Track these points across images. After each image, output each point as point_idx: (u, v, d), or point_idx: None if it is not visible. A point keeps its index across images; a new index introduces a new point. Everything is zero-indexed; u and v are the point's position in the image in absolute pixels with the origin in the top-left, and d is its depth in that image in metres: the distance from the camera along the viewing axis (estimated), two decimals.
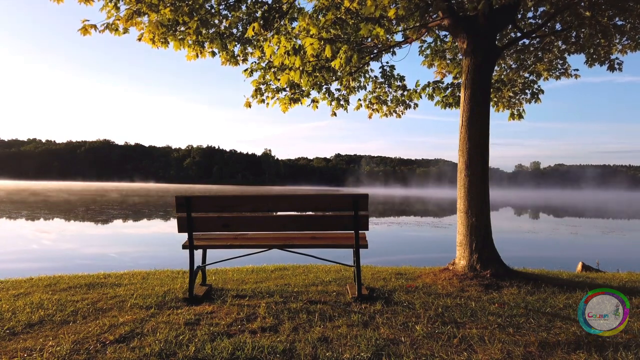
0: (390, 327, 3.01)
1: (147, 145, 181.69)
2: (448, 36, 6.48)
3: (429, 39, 6.65)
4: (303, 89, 6.18)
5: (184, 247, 3.77)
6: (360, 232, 3.75)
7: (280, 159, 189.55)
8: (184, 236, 3.77)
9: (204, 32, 5.15)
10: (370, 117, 7.33)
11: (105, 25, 4.73)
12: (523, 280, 4.40)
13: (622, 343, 2.72)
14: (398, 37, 6.27)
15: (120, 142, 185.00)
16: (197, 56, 5.37)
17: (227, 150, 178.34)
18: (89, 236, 14.14)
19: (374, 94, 7.11)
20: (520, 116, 6.94)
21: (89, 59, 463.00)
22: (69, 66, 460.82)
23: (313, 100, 6.38)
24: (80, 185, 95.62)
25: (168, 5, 4.70)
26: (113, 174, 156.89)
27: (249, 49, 5.94)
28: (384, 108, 7.20)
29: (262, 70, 6.12)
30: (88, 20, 4.60)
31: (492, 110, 6.58)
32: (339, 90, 6.67)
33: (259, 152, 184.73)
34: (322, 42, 4.53)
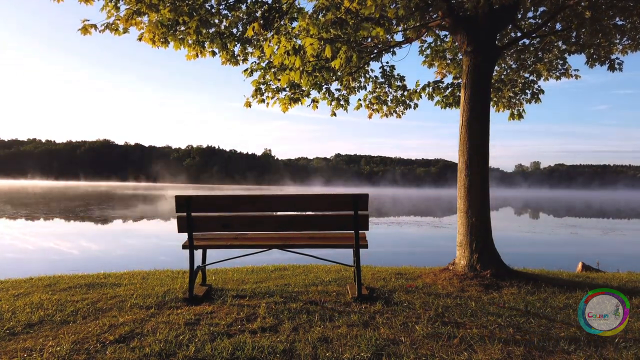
0: (390, 327, 3.01)
1: (147, 145, 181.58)
2: (448, 36, 6.48)
3: (429, 39, 6.64)
4: (303, 88, 6.17)
5: (184, 247, 3.76)
6: (360, 232, 3.75)
7: (280, 159, 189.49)
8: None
9: (204, 31, 5.15)
10: (370, 117, 7.33)
11: (105, 25, 4.73)
12: (523, 280, 4.40)
13: (622, 343, 2.72)
14: (398, 37, 6.27)
15: (120, 142, 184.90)
16: (197, 56, 5.37)
17: (227, 150, 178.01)
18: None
19: (374, 94, 7.10)
20: (520, 116, 6.93)
21: (93, 57, 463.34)
22: (68, 62, 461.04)
23: (313, 100, 6.37)
24: (78, 185, 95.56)
25: (168, 5, 4.70)
26: (113, 174, 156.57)
27: (249, 49, 5.93)
28: (384, 108, 7.20)
29: (262, 70, 6.10)
30: (88, 20, 4.60)
31: (492, 110, 6.58)
32: (339, 90, 6.66)
33: (259, 152, 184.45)
34: (322, 42, 4.52)
